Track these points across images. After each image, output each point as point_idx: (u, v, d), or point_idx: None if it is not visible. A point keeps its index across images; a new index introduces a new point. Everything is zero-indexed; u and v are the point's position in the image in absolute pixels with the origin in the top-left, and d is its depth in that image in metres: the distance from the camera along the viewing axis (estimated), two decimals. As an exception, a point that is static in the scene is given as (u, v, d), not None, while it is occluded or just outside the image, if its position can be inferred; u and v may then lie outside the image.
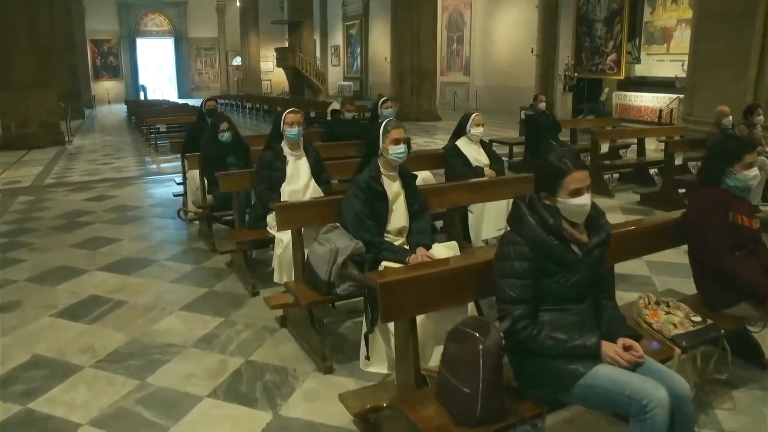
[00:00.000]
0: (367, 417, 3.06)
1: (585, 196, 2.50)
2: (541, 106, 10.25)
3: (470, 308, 3.29)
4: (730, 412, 3.22)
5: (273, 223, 4.88)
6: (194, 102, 27.71)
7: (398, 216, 3.82)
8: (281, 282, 4.68)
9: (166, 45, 44.19)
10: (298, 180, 5.03)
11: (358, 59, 38.50)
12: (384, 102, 7.15)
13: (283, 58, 32.99)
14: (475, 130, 5.97)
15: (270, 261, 5.41)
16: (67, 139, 17.06)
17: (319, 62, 38.67)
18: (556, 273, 2.50)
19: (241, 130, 6.90)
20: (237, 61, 42.92)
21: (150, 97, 38.32)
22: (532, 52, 23.65)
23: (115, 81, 41.99)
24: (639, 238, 3.57)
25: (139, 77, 42.77)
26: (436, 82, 23.66)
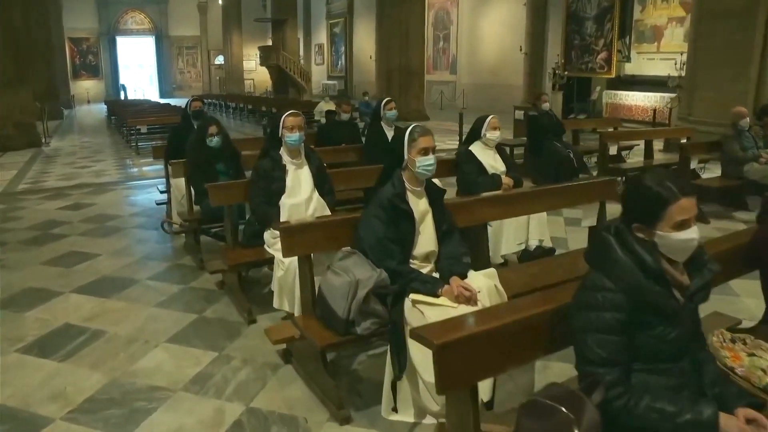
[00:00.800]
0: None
1: (692, 229, 1.96)
2: (545, 106, 9.74)
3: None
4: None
5: (271, 240, 4.33)
6: (176, 102, 27.07)
7: (426, 239, 3.25)
8: (282, 308, 4.14)
9: (147, 43, 43.48)
10: (300, 191, 4.44)
11: (343, 58, 38.17)
12: (387, 102, 6.55)
13: (266, 56, 32.40)
14: (491, 134, 5.42)
15: (267, 279, 4.89)
16: (43, 140, 16.51)
17: (303, 61, 38.13)
18: (656, 325, 1.97)
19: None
20: (219, 60, 42.39)
21: (130, 96, 37.54)
22: (520, 50, 23.43)
23: (95, 80, 41.31)
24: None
25: (120, 76, 42.00)
26: (424, 81, 23.20)
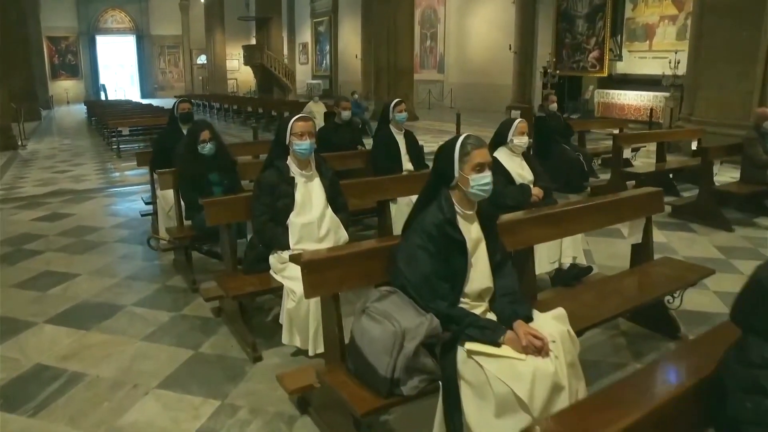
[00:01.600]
0: None
1: None
2: (552, 107, 9.25)
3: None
4: None
5: (279, 265, 3.74)
6: (158, 102, 26.35)
7: (480, 273, 2.67)
8: (292, 344, 3.57)
9: (128, 43, 42.52)
10: (311, 208, 3.83)
11: (327, 57, 37.68)
12: (397, 104, 5.95)
13: (250, 55, 31.67)
14: (519, 139, 4.84)
15: (270, 302, 4.32)
16: (20, 143, 15.92)
17: (287, 60, 37.47)
18: None
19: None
20: (202, 59, 41.74)
21: (111, 97, 36.83)
22: (509, 48, 23.15)
23: (75, 80, 40.35)
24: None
25: (100, 76, 41.09)
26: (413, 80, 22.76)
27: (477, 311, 2.64)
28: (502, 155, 4.88)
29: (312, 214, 3.82)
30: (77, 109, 31.21)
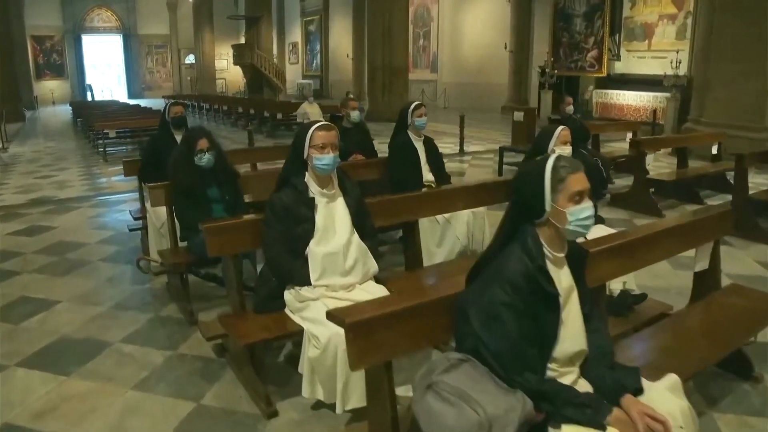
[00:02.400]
0: None
1: None
2: (569, 110, 8.73)
3: None
4: None
5: (297, 304, 3.13)
6: (146, 103, 25.67)
7: (572, 331, 2.06)
8: (314, 397, 2.97)
9: (115, 42, 41.74)
10: (335, 235, 3.20)
11: (318, 56, 37.20)
12: (416, 108, 5.31)
13: (240, 55, 31.00)
14: (562, 149, 4.24)
15: (282, 346, 3.72)
16: (1, 146, 15.37)
17: (277, 60, 36.85)
18: None
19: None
20: (190, 59, 41.15)
21: (98, 97, 36.17)
22: (505, 48, 22.83)
23: (60, 80, 39.49)
24: None
25: (86, 76, 40.31)
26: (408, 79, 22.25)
27: (566, 380, 2.03)
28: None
29: (336, 241, 3.18)
30: (63, 109, 30.42)
